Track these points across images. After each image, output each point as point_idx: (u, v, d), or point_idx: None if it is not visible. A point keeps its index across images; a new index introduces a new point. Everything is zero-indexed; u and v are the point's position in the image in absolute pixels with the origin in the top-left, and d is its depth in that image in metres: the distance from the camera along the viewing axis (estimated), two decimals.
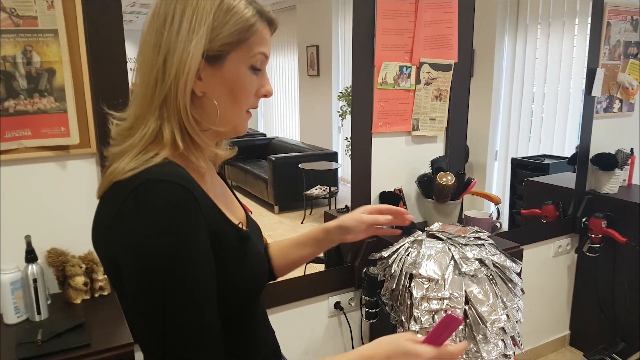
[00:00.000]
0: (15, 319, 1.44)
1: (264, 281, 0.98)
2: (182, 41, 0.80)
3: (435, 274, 1.05)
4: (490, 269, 1.07)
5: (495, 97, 3.17)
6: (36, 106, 1.50)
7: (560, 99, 3.08)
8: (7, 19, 1.44)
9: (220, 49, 0.83)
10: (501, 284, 1.07)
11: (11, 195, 1.52)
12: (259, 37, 0.86)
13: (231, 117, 0.88)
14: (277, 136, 5.47)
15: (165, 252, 0.74)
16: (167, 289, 0.74)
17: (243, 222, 0.98)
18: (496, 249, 1.11)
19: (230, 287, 0.85)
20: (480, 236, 1.13)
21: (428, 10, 2.11)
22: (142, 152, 0.81)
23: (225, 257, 0.84)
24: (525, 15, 3.07)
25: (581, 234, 2.88)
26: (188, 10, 0.81)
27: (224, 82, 0.85)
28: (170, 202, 0.75)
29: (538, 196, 3.09)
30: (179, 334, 0.76)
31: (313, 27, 4.72)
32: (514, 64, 3.12)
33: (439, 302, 1.03)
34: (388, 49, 2.06)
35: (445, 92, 2.25)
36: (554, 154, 3.15)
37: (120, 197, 0.77)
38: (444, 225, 1.16)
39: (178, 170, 0.80)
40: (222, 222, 0.86)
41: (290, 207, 4.49)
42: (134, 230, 0.75)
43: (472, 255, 1.08)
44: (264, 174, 4.69)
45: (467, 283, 1.04)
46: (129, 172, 0.78)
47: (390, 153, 2.21)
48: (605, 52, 2.78)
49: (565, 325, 3.14)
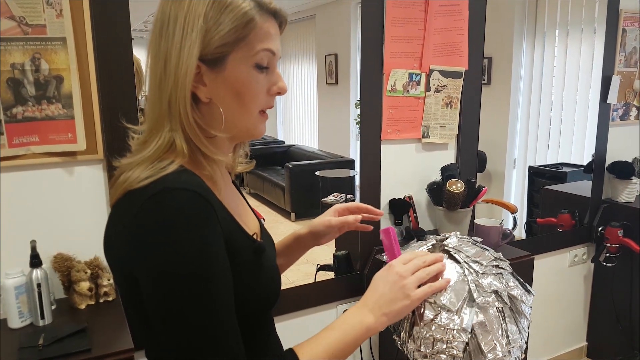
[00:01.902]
0: (19, 323, 1.45)
1: (278, 294, 0.95)
2: (176, 48, 0.77)
3: (452, 304, 1.00)
4: (504, 301, 1.02)
5: (513, 104, 3.14)
6: (44, 113, 1.53)
7: (579, 106, 3.04)
8: (16, 27, 1.46)
9: (218, 51, 0.79)
10: (509, 316, 1.02)
11: (19, 200, 1.54)
12: (260, 32, 0.80)
13: (240, 120, 0.84)
14: (295, 144, 5.49)
15: (184, 260, 0.72)
16: (187, 296, 0.72)
17: (257, 233, 0.96)
18: (514, 279, 1.06)
19: (244, 299, 0.83)
20: (499, 264, 1.08)
21: (438, 18, 2.10)
22: (157, 160, 0.79)
23: (240, 268, 0.82)
24: (543, 22, 3.03)
25: (597, 243, 2.83)
26: (180, 15, 0.78)
27: (228, 85, 0.81)
28: (188, 210, 0.73)
29: (554, 205, 3.05)
30: (198, 343, 0.73)
31: (332, 35, 4.73)
32: (532, 71, 3.09)
33: (443, 330, 0.99)
34: (397, 56, 2.05)
35: (456, 99, 2.23)
36: (573, 162, 3.11)
37: (135, 205, 0.75)
38: (461, 241, 1.12)
39: (194, 178, 0.78)
40: (237, 233, 0.84)
41: (307, 215, 4.49)
42: (152, 240, 0.73)
43: (488, 285, 1.03)
44: (282, 182, 4.70)
45: (475, 312, 1.00)
46: (144, 181, 0.76)
47: (400, 160, 2.20)
48: (620, 59, 2.73)
49: (582, 336, 3.08)
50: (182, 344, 0.73)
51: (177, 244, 0.72)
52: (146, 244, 0.73)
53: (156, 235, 0.72)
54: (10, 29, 1.45)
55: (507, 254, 2.03)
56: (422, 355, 0.96)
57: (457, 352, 0.93)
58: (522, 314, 1.00)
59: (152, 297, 0.74)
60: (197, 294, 0.72)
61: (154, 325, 0.75)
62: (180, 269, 0.72)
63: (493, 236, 2.02)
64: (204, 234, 0.74)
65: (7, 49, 1.45)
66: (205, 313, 0.73)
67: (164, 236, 0.72)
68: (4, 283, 1.45)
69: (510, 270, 1.05)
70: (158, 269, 0.72)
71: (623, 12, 2.68)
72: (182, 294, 0.72)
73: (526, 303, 1.00)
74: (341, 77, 4.60)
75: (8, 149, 1.49)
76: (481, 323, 0.96)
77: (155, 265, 0.73)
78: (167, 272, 0.72)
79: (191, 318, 0.72)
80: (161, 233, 0.72)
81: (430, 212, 2.31)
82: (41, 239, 1.54)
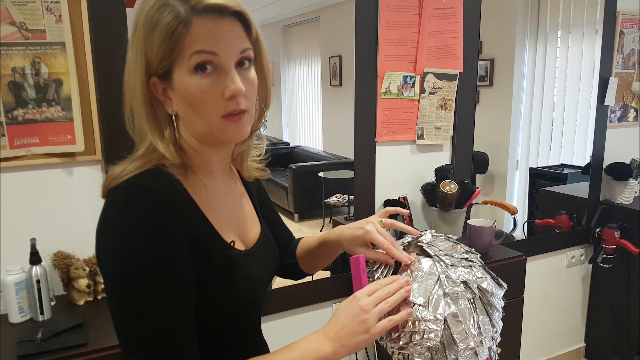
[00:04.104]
0: (19, 318, 1.50)
1: (253, 305, 0.95)
2: (130, 66, 0.83)
3: (420, 299, 1.04)
4: (474, 292, 1.05)
5: (516, 106, 3.16)
6: (44, 115, 1.58)
7: (581, 108, 3.05)
8: (17, 33, 1.51)
9: (162, 65, 0.80)
10: (481, 308, 1.05)
11: (19, 200, 1.59)
12: (191, 36, 0.77)
13: (202, 127, 0.84)
14: (299, 145, 5.52)
15: (138, 256, 0.75)
16: (138, 292, 0.75)
17: (249, 242, 0.97)
18: (484, 272, 1.09)
19: (214, 302, 0.85)
20: (469, 257, 1.11)
21: (432, 21, 2.13)
22: (140, 157, 0.83)
23: (211, 270, 0.84)
24: (545, 24, 3.05)
25: (595, 244, 2.84)
26: (132, 39, 0.82)
27: (179, 95, 0.81)
28: (147, 208, 0.76)
29: (553, 206, 3.06)
30: (145, 340, 0.76)
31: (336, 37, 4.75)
32: (534, 73, 3.10)
33: (419, 322, 1.02)
34: (391, 59, 2.09)
35: (450, 102, 2.26)
36: (575, 163, 3.12)
37: (107, 202, 0.80)
38: (435, 237, 1.15)
39: (165, 178, 0.80)
40: (209, 235, 0.86)
41: (310, 216, 4.52)
42: (112, 235, 0.77)
43: (457, 276, 1.07)
44: (285, 183, 4.74)
45: (447, 303, 1.04)
46: (120, 179, 0.80)
47: (395, 161, 2.23)
48: (618, 61, 2.75)
49: (580, 337, 3.09)
50: (131, 338, 0.77)
51: (133, 239, 0.75)
52: (108, 239, 0.77)
53: (116, 231, 0.76)
54: (11, 34, 1.51)
55: (500, 254, 2.06)
56: (398, 348, 1.00)
57: (432, 344, 0.97)
58: (493, 306, 1.03)
59: (107, 293, 0.79)
60: (148, 289, 0.75)
61: (111, 315, 0.79)
62: (133, 265, 0.75)
63: (486, 236, 2.05)
64: (159, 231, 0.76)
65: (8, 53, 1.51)
66: (156, 307, 0.76)
67: (123, 232, 0.75)
68: (5, 279, 1.51)
69: (480, 263, 1.08)
70: (113, 262, 0.76)
71: (620, 13, 2.69)
72: (134, 289, 0.75)
73: (497, 296, 1.04)
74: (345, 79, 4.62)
75: (9, 150, 1.54)
76: (453, 314, 0.99)
77: (112, 259, 0.77)
78: (121, 267, 0.75)
79: (142, 311, 0.75)
80: (121, 229, 0.76)
81: (425, 213, 2.34)
82: (41, 237, 1.59)
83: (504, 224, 3.17)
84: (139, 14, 0.81)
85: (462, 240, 1.27)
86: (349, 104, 4.42)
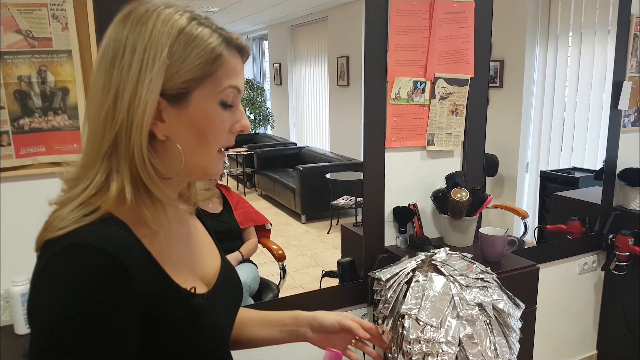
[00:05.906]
0: (25, 330, 1.49)
1: (216, 351, 0.87)
2: (132, 81, 0.71)
3: (433, 320, 1.02)
4: (489, 314, 1.03)
5: (526, 108, 3.13)
6: (50, 124, 1.56)
7: (593, 110, 3.01)
8: (23, 41, 1.50)
9: (183, 86, 0.73)
10: (497, 330, 1.03)
11: (25, 209, 1.58)
12: (227, 68, 0.76)
13: (199, 160, 0.79)
14: (306, 145, 5.51)
15: (71, 344, 0.66)
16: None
17: (209, 277, 0.90)
18: (501, 292, 1.07)
19: (181, 353, 0.78)
20: (485, 277, 1.09)
21: (443, 26, 2.10)
22: (83, 205, 0.73)
23: (172, 327, 0.76)
24: (556, 25, 3.02)
25: (608, 251, 2.80)
26: (139, 45, 0.72)
27: (191, 122, 0.75)
28: (89, 272, 0.67)
29: (565, 211, 3.03)
30: None
31: (343, 38, 4.75)
32: (545, 74, 3.07)
33: (431, 344, 1.01)
34: (401, 64, 2.06)
35: (461, 107, 2.23)
36: (586, 167, 3.08)
37: (44, 259, 0.70)
38: (450, 256, 1.13)
39: (113, 232, 0.71)
40: (166, 290, 0.77)
41: (317, 217, 4.51)
42: (45, 297, 0.68)
43: (472, 298, 1.04)
44: (292, 184, 4.73)
45: (462, 324, 1.01)
46: (59, 231, 0.70)
47: (405, 168, 2.20)
48: (632, 65, 2.70)
49: (592, 345, 3.05)
50: None
51: (68, 304, 0.66)
52: (40, 300, 0.69)
53: (50, 293, 0.67)
54: (17, 42, 1.49)
55: (513, 264, 2.02)
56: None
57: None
58: (510, 327, 1.00)
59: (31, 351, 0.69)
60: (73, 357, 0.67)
61: None
62: (63, 332, 0.66)
63: (498, 245, 2.01)
64: (101, 298, 0.67)
65: (14, 61, 1.49)
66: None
67: (58, 295, 0.66)
68: (12, 290, 1.49)
69: (497, 283, 1.05)
70: (41, 325, 0.68)
71: (635, 16, 2.65)
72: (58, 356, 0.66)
73: (514, 316, 1.01)
74: (352, 79, 4.62)
75: (15, 159, 1.53)
76: (469, 335, 0.97)
77: (39, 321, 0.68)
78: (48, 332, 0.67)
79: None
80: (55, 291, 0.67)
81: (435, 220, 2.31)
82: None
83: (514, 228, 3.14)
84: (156, 16, 0.73)
85: (473, 249, 1.25)
86: (356, 104, 4.40)
